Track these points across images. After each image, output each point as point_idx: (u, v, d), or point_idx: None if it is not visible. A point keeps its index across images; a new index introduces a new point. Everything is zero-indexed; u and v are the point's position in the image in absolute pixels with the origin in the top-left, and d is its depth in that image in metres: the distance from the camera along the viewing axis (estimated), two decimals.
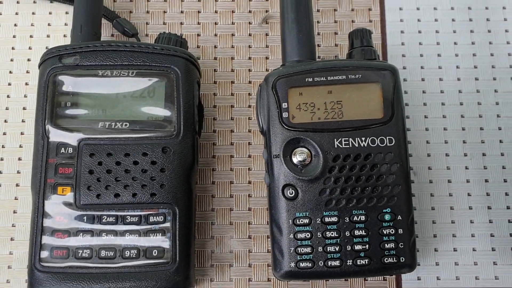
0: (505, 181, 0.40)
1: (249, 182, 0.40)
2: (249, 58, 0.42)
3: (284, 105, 0.33)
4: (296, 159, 0.33)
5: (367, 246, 0.32)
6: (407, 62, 0.42)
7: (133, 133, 0.34)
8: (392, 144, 0.32)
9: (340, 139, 0.33)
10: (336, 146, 0.32)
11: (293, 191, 0.32)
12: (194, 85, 0.36)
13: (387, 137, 0.33)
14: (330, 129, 0.33)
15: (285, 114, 0.33)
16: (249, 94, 0.41)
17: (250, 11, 0.43)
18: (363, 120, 0.33)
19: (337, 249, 0.32)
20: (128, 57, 0.35)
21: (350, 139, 0.33)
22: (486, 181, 0.40)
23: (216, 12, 0.43)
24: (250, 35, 0.43)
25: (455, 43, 0.43)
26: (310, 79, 0.33)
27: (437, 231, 0.39)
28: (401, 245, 0.32)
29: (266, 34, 0.43)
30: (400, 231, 0.32)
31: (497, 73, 0.42)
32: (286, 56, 0.36)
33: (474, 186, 0.40)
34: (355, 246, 0.32)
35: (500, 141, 0.41)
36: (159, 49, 0.36)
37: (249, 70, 0.42)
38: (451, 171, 0.40)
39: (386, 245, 0.32)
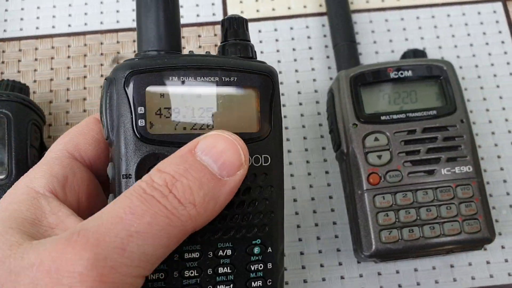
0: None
1: None
2: None
3: (140, 110, 0.26)
4: None
5: (231, 285, 0.27)
6: None
7: None
8: (268, 163, 0.27)
9: None
10: None
11: None
12: (28, 127, 0.38)
13: (263, 156, 0.27)
14: None
15: (140, 122, 0.26)
16: None
17: (102, 54, 0.48)
18: (237, 134, 0.26)
19: None
20: None
21: None
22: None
23: (68, 57, 0.48)
24: (102, 76, 0.47)
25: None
26: (175, 78, 0.26)
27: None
28: (269, 282, 0.27)
29: None
30: (269, 265, 0.27)
31: None
32: (142, 44, 0.28)
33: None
34: (218, 286, 0.27)
35: None
36: None
37: None
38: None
39: (253, 283, 0.27)
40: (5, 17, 0.49)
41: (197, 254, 0.26)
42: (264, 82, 0.28)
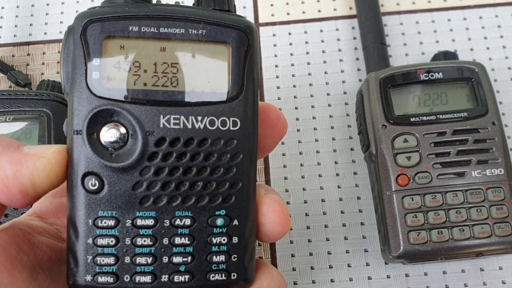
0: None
1: None
2: None
3: (96, 61, 0.24)
4: (105, 138, 0.24)
5: (189, 258, 0.25)
6: (282, 93, 0.48)
7: None
8: (237, 128, 0.25)
9: (168, 116, 0.25)
10: (162, 126, 0.24)
11: (96, 182, 0.24)
12: None
13: (231, 119, 0.25)
14: (156, 101, 0.25)
15: (95, 75, 0.24)
16: None
17: None
18: (203, 93, 0.25)
19: (149, 260, 0.25)
20: (4, 104, 0.39)
21: (182, 117, 0.25)
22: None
23: None
24: None
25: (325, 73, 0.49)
26: (136, 28, 0.25)
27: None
28: (234, 257, 0.26)
29: None
30: (235, 239, 0.26)
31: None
32: None
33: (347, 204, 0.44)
34: (174, 257, 0.25)
35: None
36: (33, 94, 0.41)
37: None
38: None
39: (214, 257, 0.25)
40: (46, 21, 0.51)
41: (151, 222, 0.25)
42: (238, 37, 0.26)
